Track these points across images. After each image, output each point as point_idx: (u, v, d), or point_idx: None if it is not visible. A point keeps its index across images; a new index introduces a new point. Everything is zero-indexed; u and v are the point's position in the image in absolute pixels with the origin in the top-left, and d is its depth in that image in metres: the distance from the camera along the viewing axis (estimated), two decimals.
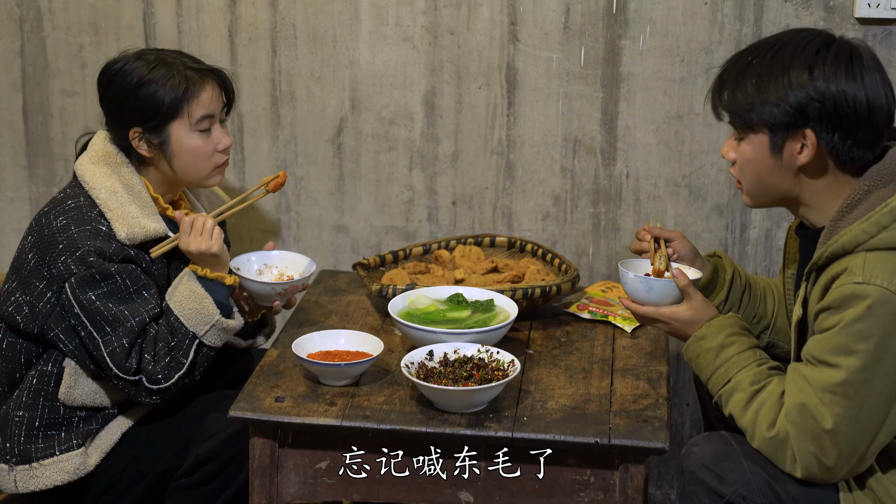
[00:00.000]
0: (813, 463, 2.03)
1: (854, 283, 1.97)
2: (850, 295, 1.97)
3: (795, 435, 2.03)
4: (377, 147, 3.05)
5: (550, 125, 2.97)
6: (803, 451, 2.03)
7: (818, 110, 2.04)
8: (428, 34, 2.96)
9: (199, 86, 2.46)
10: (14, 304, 2.45)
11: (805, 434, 2.02)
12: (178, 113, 2.44)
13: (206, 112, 2.47)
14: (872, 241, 1.99)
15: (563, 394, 2.33)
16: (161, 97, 2.42)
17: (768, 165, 2.12)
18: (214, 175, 2.53)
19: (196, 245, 2.41)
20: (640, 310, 2.32)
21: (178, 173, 2.49)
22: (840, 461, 2.02)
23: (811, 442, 2.02)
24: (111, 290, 2.37)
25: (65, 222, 2.39)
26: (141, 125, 2.44)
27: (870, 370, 1.97)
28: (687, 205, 2.97)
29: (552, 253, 2.85)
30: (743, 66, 2.11)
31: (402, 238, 3.11)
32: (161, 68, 2.44)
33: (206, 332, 2.40)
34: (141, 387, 2.38)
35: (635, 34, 2.88)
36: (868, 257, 1.98)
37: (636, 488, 2.19)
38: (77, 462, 2.44)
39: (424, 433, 2.20)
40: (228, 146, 2.52)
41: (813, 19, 2.80)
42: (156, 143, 2.45)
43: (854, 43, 2.10)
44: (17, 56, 3.14)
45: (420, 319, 2.48)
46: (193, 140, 2.46)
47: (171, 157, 2.47)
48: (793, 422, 2.03)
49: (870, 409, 1.99)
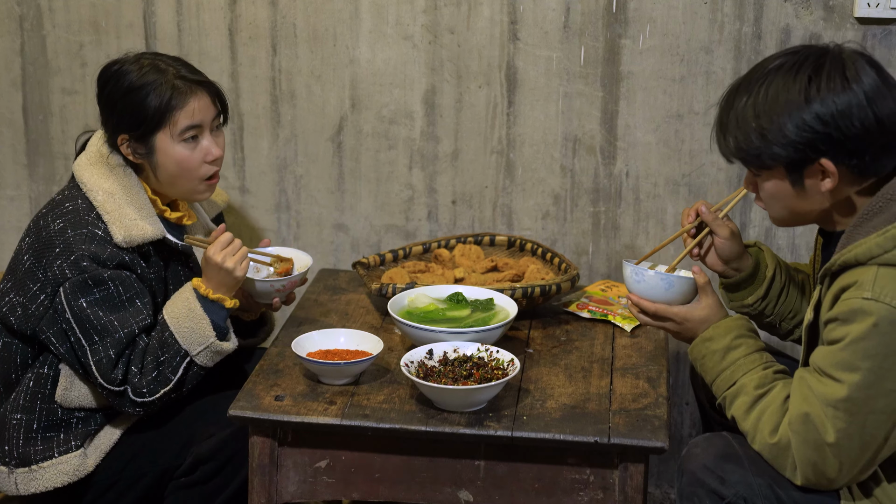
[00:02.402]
0: (813, 472, 2.02)
1: (862, 299, 1.94)
2: (858, 310, 1.95)
3: (797, 444, 2.02)
4: (377, 146, 3.05)
5: (550, 124, 2.97)
6: (805, 460, 2.02)
7: (826, 140, 1.99)
8: (428, 33, 2.96)
9: (186, 95, 2.41)
10: (8, 305, 2.45)
11: (807, 444, 2.01)
12: (162, 123, 2.40)
13: (191, 122, 2.42)
14: (886, 255, 1.96)
15: (562, 393, 2.33)
16: (146, 105, 2.39)
17: (793, 197, 2.07)
18: (201, 190, 2.49)
19: (222, 258, 2.39)
20: (652, 307, 2.26)
21: (162, 184, 2.46)
22: (841, 473, 2.01)
23: (813, 452, 2.01)
24: (103, 296, 2.36)
25: (62, 225, 2.39)
26: (128, 132, 2.42)
27: (873, 388, 1.95)
28: (687, 204, 2.97)
29: (552, 252, 2.85)
30: (740, 109, 2.05)
31: (402, 237, 3.11)
32: (152, 74, 2.40)
33: (200, 352, 2.39)
34: (125, 398, 2.37)
35: (635, 33, 2.88)
36: (880, 273, 1.95)
37: (635, 487, 2.19)
38: (76, 463, 2.44)
39: (424, 432, 2.20)
40: (218, 157, 2.47)
41: (812, 19, 2.80)
42: (142, 153, 2.43)
43: (846, 54, 2.03)
44: (18, 54, 3.14)
45: (420, 318, 2.48)
46: (178, 150, 2.42)
47: (156, 167, 2.43)
48: (796, 431, 2.02)
49: (872, 425, 1.97)
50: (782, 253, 2.96)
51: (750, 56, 2.84)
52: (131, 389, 2.36)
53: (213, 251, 2.40)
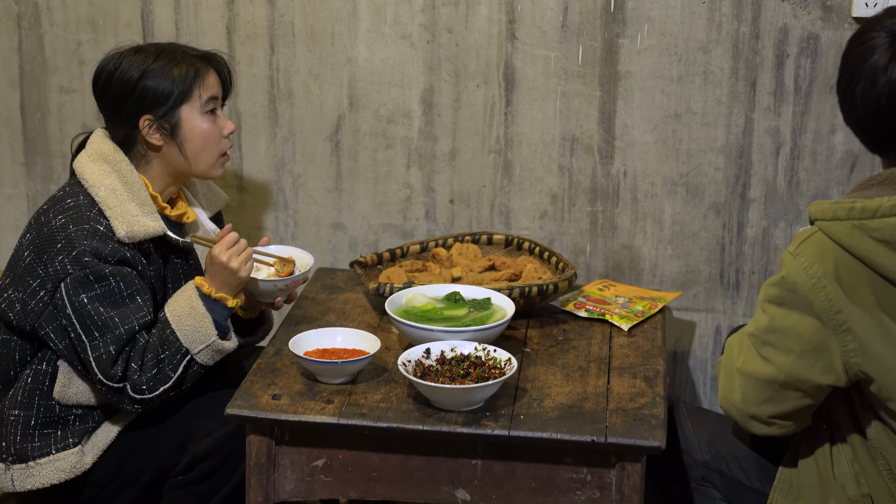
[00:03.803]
0: (724, 395, 2.17)
1: (787, 251, 2.04)
2: (782, 259, 2.05)
3: (722, 367, 2.19)
4: (375, 145, 3.05)
5: (548, 123, 2.97)
6: (722, 382, 2.18)
7: None
8: (426, 32, 2.96)
9: (205, 69, 2.50)
10: (6, 301, 2.45)
11: (725, 368, 2.18)
12: (189, 96, 2.46)
13: (211, 94, 2.50)
14: (828, 224, 2.00)
15: (559, 392, 2.33)
16: (171, 82, 2.45)
17: None
18: (218, 165, 2.55)
19: (227, 258, 2.40)
20: None
21: (188, 158, 2.49)
22: (745, 402, 2.12)
23: (726, 376, 2.16)
24: (104, 292, 2.36)
25: (63, 221, 2.39)
26: (151, 112, 2.45)
27: (770, 333, 2.05)
28: (684, 203, 2.97)
29: (549, 251, 2.86)
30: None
31: (400, 236, 3.11)
32: (164, 57, 2.46)
33: (201, 350, 2.40)
34: (124, 394, 2.38)
35: (633, 33, 2.88)
36: (815, 236, 2.02)
37: (633, 486, 2.20)
38: (73, 460, 2.44)
39: (421, 431, 2.20)
40: (233, 130, 2.55)
41: (810, 18, 2.80)
42: (167, 129, 2.46)
43: None
44: (15, 53, 3.14)
45: (417, 317, 2.48)
46: (203, 123, 2.48)
47: (182, 142, 2.48)
48: (725, 355, 2.20)
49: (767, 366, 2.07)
50: (780, 252, 2.96)
51: (748, 56, 2.84)
52: (130, 386, 2.37)
53: (218, 250, 2.41)
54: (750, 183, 2.93)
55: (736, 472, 2.32)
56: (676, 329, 3.06)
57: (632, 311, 2.71)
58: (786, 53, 2.83)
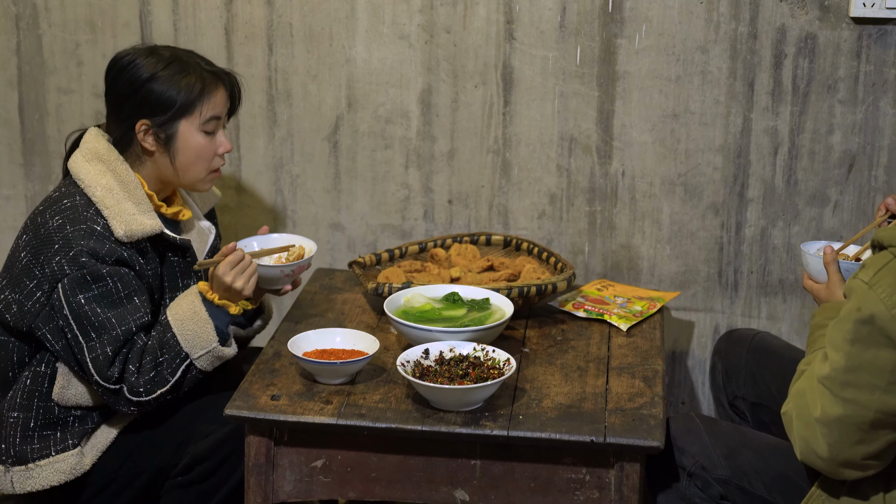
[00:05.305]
0: (806, 448, 2.01)
1: (861, 280, 1.92)
2: (853, 289, 1.93)
3: (795, 418, 2.03)
4: (373, 145, 3.05)
5: (546, 124, 2.97)
6: (799, 434, 2.02)
7: None
8: (424, 32, 2.96)
9: (214, 87, 2.49)
10: (3, 302, 2.45)
11: (801, 419, 2.01)
12: (191, 111, 2.46)
13: (214, 113, 2.49)
14: None
15: (558, 392, 2.34)
16: (176, 93, 2.44)
17: None
18: (207, 181, 2.55)
19: (232, 279, 2.41)
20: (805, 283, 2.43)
21: (177, 170, 2.49)
22: (831, 452, 1.98)
23: (804, 427, 2.00)
24: (101, 293, 2.36)
25: (60, 221, 2.39)
26: (150, 118, 2.45)
27: (851, 373, 1.94)
28: (683, 203, 2.97)
29: (548, 251, 2.86)
30: None
31: (398, 236, 3.11)
32: (177, 65, 2.46)
33: (201, 356, 2.40)
34: (121, 396, 2.38)
35: (631, 33, 2.88)
36: (891, 263, 1.92)
37: (632, 487, 2.20)
38: (73, 462, 2.44)
39: (420, 431, 2.20)
40: (228, 150, 2.54)
41: (808, 18, 2.81)
42: (162, 138, 2.46)
43: None
44: (14, 53, 3.13)
45: (416, 318, 2.48)
46: (199, 139, 2.48)
47: (174, 154, 2.47)
48: (794, 405, 2.04)
49: (852, 407, 1.95)
50: (778, 252, 2.97)
51: (745, 56, 2.84)
52: (127, 388, 2.37)
53: (222, 270, 2.42)
54: (748, 183, 2.93)
55: (758, 487, 2.23)
56: (675, 329, 3.06)
57: (630, 311, 2.71)
58: (784, 53, 2.84)
